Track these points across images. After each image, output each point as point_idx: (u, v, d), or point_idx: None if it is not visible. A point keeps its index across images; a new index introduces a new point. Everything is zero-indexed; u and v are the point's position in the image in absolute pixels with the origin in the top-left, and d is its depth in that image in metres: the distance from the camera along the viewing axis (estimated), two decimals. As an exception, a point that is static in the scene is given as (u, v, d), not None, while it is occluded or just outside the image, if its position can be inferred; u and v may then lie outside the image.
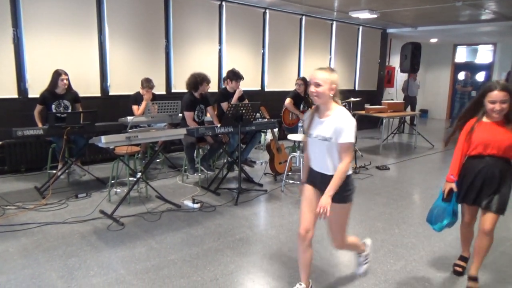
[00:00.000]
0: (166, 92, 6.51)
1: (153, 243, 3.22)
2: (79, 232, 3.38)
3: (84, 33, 5.57)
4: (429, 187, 5.14)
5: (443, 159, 6.95)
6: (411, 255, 3.16)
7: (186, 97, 4.82)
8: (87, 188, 4.60)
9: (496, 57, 11.88)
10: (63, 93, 4.70)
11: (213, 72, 7.02)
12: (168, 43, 6.45)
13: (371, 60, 10.32)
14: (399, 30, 10.15)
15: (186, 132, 4.05)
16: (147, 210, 3.96)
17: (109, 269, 2.79)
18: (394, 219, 3.94)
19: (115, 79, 5.94)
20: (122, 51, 5.96)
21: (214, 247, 3.18)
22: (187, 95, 4.84)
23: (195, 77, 4.78)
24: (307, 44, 8.62)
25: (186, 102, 4.79)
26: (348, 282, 2.71)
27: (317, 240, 3.36)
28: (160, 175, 5.28)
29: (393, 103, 7.97)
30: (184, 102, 4.82)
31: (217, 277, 2.72)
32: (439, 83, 13.27)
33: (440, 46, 12.96)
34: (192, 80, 4.79)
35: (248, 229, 3.57)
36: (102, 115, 5.21)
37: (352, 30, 9.62)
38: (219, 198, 4.39)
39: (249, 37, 7.56)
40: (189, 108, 4.78)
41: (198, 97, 4.86)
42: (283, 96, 5.77)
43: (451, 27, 9.15)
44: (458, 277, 2.82)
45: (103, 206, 3.99)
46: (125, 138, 3.50)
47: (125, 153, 4.12)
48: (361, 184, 5.17)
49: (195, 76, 4.79)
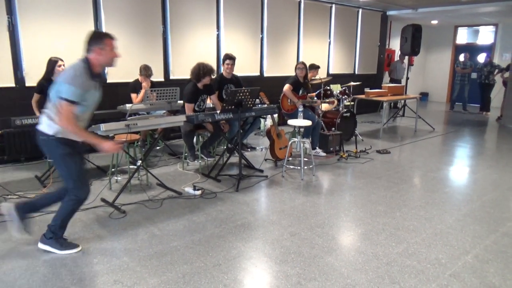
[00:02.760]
0: (164, 79, 6.45)
1: (155, 230, 3.23)
2: (81, 221, 3.39)
3: (80, 20, 5.48)
4: (430, 170, 5.14)
5: (443, 142, 6.94)
6: (412, 237, 3.17)
7: (189, 88, 4.65)
8: (88, 176, 4.58)
9: (497, 38, 11.76)
10: (61, 81, 4.64)
11: (212, 57, 6.95)
12: (165, 29, 6.36)
13: (370, 44, 10.21)
14: (400, 12, 10.01)
15: (185, 119, 4.02)
16: (148, 197, 3.97)
17: (112, 257, 2.80)
18: (395, 202, 3.95)
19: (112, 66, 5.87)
20: (119, 38, 5.80)
21: (216, 233, 3.19)
22: (190, 85, 4.67)
23: (199, 69, 4.56)
24: (306, 28, 8.51)
25: (188, 93, 4.63)
26: (349, 266, 2.73)
27: (318, 225, 3.37)
28: (160, 163, 5.27)
29: (393, 87, 7.91)
30: (186, 93, 4.66)
31: (220, 263, 2.74)
32: (439, 66, 13.18)
33: (441, 27, 12.81)
34: (196, 71, 4.58)
35: (249, 215, 3.57)
36: (101, 103, 5.13)
37: (351, 13, 9.49)
38: (220, 185, 4.39)
39: (247, 22, 7.46)
40: (190, 100, 4.64)
41: (201, 88, 4.75)
42: (282, 82, 5.72)
43: (452, 7, 9.02)
44: (460, 258, 2.83)
45: (104, 194, 3.99)
46: (124, 125, 3.48)
47: (125, 141, 4.10)
48: (362, 168, 5.17)
49: (199, 68, 4.56)
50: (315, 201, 3.95)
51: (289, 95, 5.47)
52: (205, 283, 2.49)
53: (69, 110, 2.52)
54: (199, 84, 4.66)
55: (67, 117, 2.53)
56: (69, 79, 2.52)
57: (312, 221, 3.46)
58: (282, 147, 5.20)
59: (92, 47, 2.64)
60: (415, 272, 2.65)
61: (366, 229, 3.32)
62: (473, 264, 2.77)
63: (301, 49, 8.51)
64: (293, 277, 2.57)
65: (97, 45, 2.64)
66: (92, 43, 2.64)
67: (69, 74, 2.55)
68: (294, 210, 3.69)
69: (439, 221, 3.51)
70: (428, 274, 2.63)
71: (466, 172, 5.12)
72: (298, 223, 3.42)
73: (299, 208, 3.75)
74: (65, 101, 2.50)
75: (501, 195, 4.21)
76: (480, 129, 8.35)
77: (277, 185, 4.42)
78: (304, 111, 5.35)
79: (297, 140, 5.09)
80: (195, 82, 4.65)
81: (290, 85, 5.47)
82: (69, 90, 2.49)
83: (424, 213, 3.67)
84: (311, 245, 3.01)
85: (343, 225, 3.41)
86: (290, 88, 5.46)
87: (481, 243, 3.09)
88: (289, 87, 5.46)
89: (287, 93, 5.46)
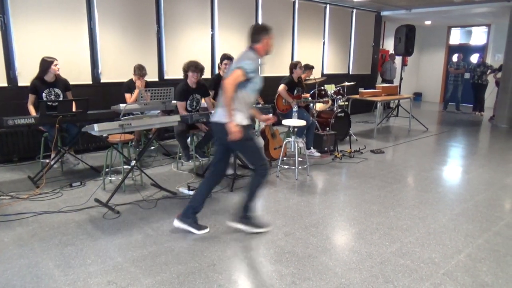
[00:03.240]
0: (158, 78, 6.43)
1: (150, 231, 3.22)
2: (74, 221, 3.37)
3: (74, 19, 5.45)
4: (423, 170, 5.17)
5: (437, 142, 6.98)
6: (406, 237, 3.19)
7: (179, 86, 4.74)
8: (81, 177, 4.57)
9: (490, 39, 11.86)
10: (53, 80, 4.62)
11: (206, 57, 6.94)
12: (159, 28, 6.35)
13: (365, 44, 10.25)
14: (393, 13, 10.07)
15: (179, 119, 4.01)
16: (142, 197, 3.95)
17: (106, 257, 2.78)
18: (389, 202, 3.97)
19: (106, 66, 5.84)
20: (113, 37, 5.85)
21: (210, 233, 3.19)
22: (180, 84, 4.76)
23: (185, 64, 4.71)
24: (301, 28, 8.53)
25: (178, 91, 4.71)
26: (343, 265, 2.74)
27: (312, 225, 3.38)
28: (154, 163, 5.25)
29: (387, 87, 7.95)
30: (176, 91, 4.73)
31: (214, 263, 2.73)
32: (433, 66, 13.27)
33: (434, 28, 12.90)
34: (183, 67, 4.73)
35: (244, 215, 3.57)
36: (94, 103, 5.15)
37: (345, 13, 9.52)
38: (214, 185, 4.38)
39: (242, 22, 7.46)
40: (180, 97, 4.70)
41: (192, 86, 4.77)
42: (277, 82, 5.72)
43: (445, 8, 9.08)
44: (453, 257, 2.86)
45: (98, 194, 3.97)
46: (118, 126, 3.46)
47: (119, 141, 4.09)
48: (356, 168, 5.19)
49: (185, 63, 4.71)
50: (310, 200, 3.96)
51: (284, 95, 5.48)
52: (200, 283, 2.48)
53: (239, 76, 2.86)
54: (189, 81, 4.71)
55: (233, 80, 2.85)
56: (250, 58, 2.93)
57: (307, 220, 3.47)
58: (276, 147, 5.21)
59: (260, 38, 2.99)
60: (409, 271, 2.66)
61: (360, 228, 3.34)
62: (466, 263, 2.80)
63: (295, 49, 8.53)
64: (288, 277, 2.57)
65: (264, 36, 2.99)
66: (261, 34, 2.99)
67: (248, 56, 2.96)
68: (288, 210, 3.69)
69: (433, 220, 3.53)
70: (422, 273, 2.65)
71: (459, 172, 5.16)
72: (293, 223, 3.42)
73: (294, 208, 3.75)
74: (241, 69, 2.85)
75: (494, 194, 4.25)
76: (473, 129, 8.42)
77: (271, 185, 4.43)
78: (298, 111, 5.36)
79: (291, 140, 5.10)
80: (185, 79, 4.73)
81: (285, 85, 5.48)
82: (249, 63, 2.88)
83: (417, 213, 3.70)
84: (305, 245, 3.01)
85: (337, 224, 3.42)
86: (285, 88, 5.47)
87: (474, 242, 3.11)
88: (284, 87, 5.46)
89: (282, 93, 5.47)
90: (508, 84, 8.56)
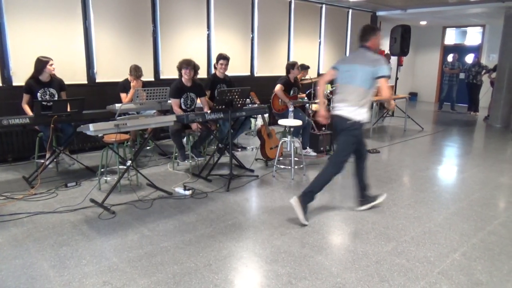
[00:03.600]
0: (154, 78, 6.42)
1: (145, 231, 3.21)
2: (69, 221, 3.35)
3: (69, 19, 5.42)
4: (418, 169, 5.19)
5: (432, 142, 7.02)
6: (401, 236, 3.20)
7: (174, 84, 4.79)
8: (77, 177, 4.55)
9: (485, 39, 11.93)
10: (48, 80, 4.60)
11: (202, 57, 6.93)
12: (155, 28, 6.33)
13: (361, 44, 10.26)
14: (389, 13, 10.10)
15: (175, 119, 4.00)
16: (138, 198, 3.94)
17: (101, 258, 2.77)
18: (385, 201, 3.98)
19: (101, 66, 5.82)
20: (108, 37, 5.83)
21: (206, 233, 3.19)
22: (175, 82, 4.80)
23: (179, 62, 4.74)
24: (297, 28, 8.54)
25: (173, 88, 4.77)
26: (339, 265, 2.75)
27: (309, 224, 3.38)
28: (150, 163, 5.24)
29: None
30: (171, 88, 4.80)
31: (211, 263, 2.73)
32: (428, 66, 13.32)
33: (430, 28, 12.95)
34: (177, 66, 4.77)
35: (240, 215, 3.57)
36: (90, 102, 5.12)
37: (341, 13, 9.54)
38: (210, 185, 4.38)
39: (238, 21, 7.45)
40: (174, 94, 4.73)
41: (187, 85, 4.77)
42: (273, 81, 5.73)
43: (440, 8, 9.12)
44: (448, 256, 2.87)
45: (94, 194, 3.95)
46: (113, 125, 3.44)
47: (114, 141, 4.07)
48: (352, 167, 5.18)
49: (179, 62, 4.75)
50: (306, 200, 3.96)
51: (281, 95, 5.48)
52: (196, 284, 2.48)
53: (387, 83, 3.22)
54: (183, 79, 4.75)
55: (390, 89, 3.27)
56: (384, 61, 3.24)
57: (303, 220, 3.47)
58: (272, 146, 5.21)
59: (370, 37, 3.37)
60: (404, 270, 2.68)
61: (356, 228, 3.35)
62: (461, 261, 2.81)
63: (291, 49, 8.54)
64: (284, 277, 2.58)
65: (374, 36, 3.38)
66: (371, 34, 3.37)
67: (380, 58, 3.27)
68: (284, 210, 3.70)
69: (428, 219, 3.55)
70: (417, 272, 2.66)
71: (454, 171, 5.19)
72: (289, 222, 3.43)
73: (290, 208, 3.75)
74: (385, 77, 3.20)
75: (488, 194, 4.27)
76: (468, 129, 8.46)
77: (267, 185, 4.43)
78: (294, 111, 5.37)
79: (287, 139, 5.10)
80: (180, 78, 4.77)
81: (282, 85, 5.48)
82: (387, 69, 3.23)
83: (413, 212, 3.71)
84: (301, 244, 3.02)
85: (333, 224, 3.43)
86: (282, 89, 5.46)
87: (469, 241, 3.13)
88: (281, 87, 5.46)
89: (279, 93, 5.46)
90: (502, 84, 8.61)
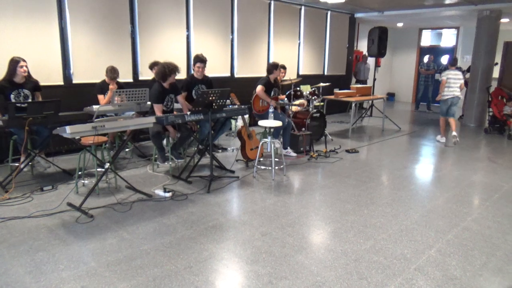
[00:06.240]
0: (133, 79, 6.34)
1: (125, 234, 3.17)
2: (46, 226, 3.28)
3: (43, 18, 5.29)
4: (396, 168, 5.31)
5: (409, 141, 7.18)
6: (379, 234, 3.27)
7: (155, 88, 4.62)
8: (53, 180, 4.45)
9: (459, 41, 12.28)
10: (22, 81, 4.48)
11: (181, 58, 6.89)
12: (133, 28, 6.25)
13: (339, 45, 10.42)
14: (367, 15, 10.27)
15: (155, 121, 3.97)
16: (117, 200, 3.89)
17: (79, 262, 2.73)
18: (363, 200, 4.05)
19: (78, 66, 5.71)
20: (85, 37, 5.72)
21: (187, 235, 3.17)
22: (155, 86, 4.63)
23: (164, 68, 4.56)
24: (276, 29, 8.58)
25: (155, 94, 4.60)
26: (319, 263, 2.78)
27: (289, 224, 3.42)
28: (129, 165, 5.17)
29: (361, 87, 8.11)
30: (152, 93, 4.62)
31: (191, 265, 2.72)
32: (405, 67, 13.61)
33: (406, 30, 13.25)
34: (161, 70, 4.58)
35: (220, 216, 3.57)
36: (66, 104, 5.02)
37: (320, 15, 9.65)
38: (191, 186, 4.36)
39: (217, 22, 7.44)
40: (158, 100, 4.59)
41: (167, 87, 4.71)
42: (253, 82, 5.74)
43: (416, 11, 9.34)
44: (424, 252, 2.95)
45: (71, 198, 3.88)
46: (91, 128, 3.39)
47: (92, 143, 4.00)
48: (332, 167, 5.27)
49: (164, 67, 4.56)
50: (286, 200, 4.00)
51: (262, 96, 5.49)
52: (176, 286, 2.47)
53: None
54: (165, 83, 4.64)
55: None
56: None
57: (283, 220, 3.50)
58: (253, 147, 5.23)
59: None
60: (382, 268, 2.73)
61: (336, 227, 3.40)
62: (436, 257, 2.89)
63: (271, 50, 8.57)
64: (264, 277, 2.59)
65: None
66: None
67: None
68: (265, 210, 3.72)
69: (405, 217, 3.63)
70: (394, 269, 2.73)
71: (430, 170, 5.33)
72: (269, 223, 3.45)
73: (270, 208, 3.78)
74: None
75: (462, 191, 4.41)
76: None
77: (248, 186, 4.44)
78: (274, 112, 5.39)
79: (268, 140, 5.13)
80: (161, 82, 4.63)
81: (263, 86, 5.50)
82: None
83: (390, 210, 3.79)
84: (282, 244, 3.04)
85: (313, 223, 3.47)
86: (263, 89, 5.48)
87: (444, 238, 3.23)
88: (262, 88, 5.47)
89: (260, 94, 5.48)
90: (475, 84, 8.89)
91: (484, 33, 8.68)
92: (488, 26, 8.62)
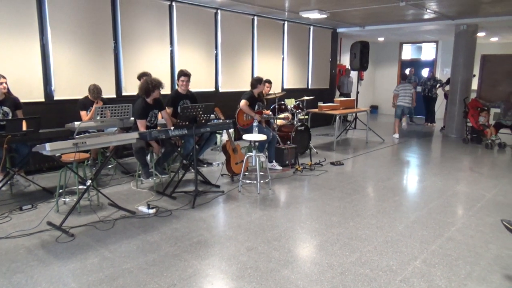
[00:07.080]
0: (116, 95, 6.28)
1: (107, 253, 3.09)
2: (24, 247, 3.18)
3: (24, 34, 5.23)
4: (380, 179, 5.35)
5: (393, 153, 7.26)
6: (365, 246, 3.26)
7: (138, 104, 4.60)
8: (33, 199, 4.33)
9: (438, 54, 12.61)
10: (2, 98, 4.40)
11: (165, 74, 6.88)
12: (116, 44, 6.23)
13: (322, 59, 10.57)
14: (348, 30, 10.49)
15: (138, 136, 3.92)
16: (99, 218, 3.80)
17: (59, 283, 2.64)
18: (349, 212, 4.06)
19: (60, 83, 5.64)
20: (67, 53, 5.67)
21: (171, 252, 3.11)
22: (139, 101, 4.62)
23: (147, 83, 4.55)
24: (260, 44, 8.67)
25: (138, 109, 4.57)
26: (305, 278, 2.75)
27: (275, 238, 3.39)
28: (112, 182, 5.08)
29: (345, 100, 8.21)
30: (136, 109, 4.60)
31: (175, 283, 2.66)
32: (387, 80, 13.87)
33: (387, 44, 13.56)
34: (144, 86, 4.56)
35: (205, 232, 3.52)
36: (47, 121, 4.95)
37: (303, 30, 9.81)
38: (175, 202, 4.31)
39: (201, 38, 7.48)
40: (141, 116, 4.57)
41: (150, 103, 4.69)
42: (237, 97, 5.76)
43: (396, 26, 9.58)
44: (409, 264, 2.95)
45: (51, 217, 3.78)
46: (72, 144, 3.33)
47: (73, 160, 3.93)
48: (317, 180, 5.28)
49: (147, 82, 4.56)
50: (272, 214, 3.98)
51: (246, 110, 5.51)
52: (159, 305, 2.41)
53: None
54: (148, 99, 4.62)
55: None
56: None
57: (269, 234, 3.47)
58: (238, 161, 5.21)
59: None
60: (368, 280, 2.72)
61: (321, 240, 3.38)
62: (421, 268, 2.90)
63: (255, 64, 8.65)
64: (250, 293, 2.55)
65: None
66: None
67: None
68: (251, 225, 3.68)
69: (390, 228, 3.64)
70: (380, 281, 2.72)
71: (414, 181, 5.38)
72: (255, 237, 3.41)
73: (256, 223, 3.75)
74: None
75: (446, 201, 4.46)
76: (426, 139, 8.84)
77: (233, 200, 4.40)
78: (258, 126, 5.41)
79: (253, 154, 5.12)
80: (145, 97, 4.60)
81: (247, 100, 5.51)
82: None
83: (375, 222, 3.80)
84: (267, 259, 3.01)
85: (299, 237, 3.45)
86: (247, 104, 5.50)
87: (428, 248, 3.24)
88: (246, 102, 5.49)
89: (244, 108, 5.49)
90: (455, 96, 9.10)
91: (462, 47, 8.93)
92: (466, 40, 8.88)
